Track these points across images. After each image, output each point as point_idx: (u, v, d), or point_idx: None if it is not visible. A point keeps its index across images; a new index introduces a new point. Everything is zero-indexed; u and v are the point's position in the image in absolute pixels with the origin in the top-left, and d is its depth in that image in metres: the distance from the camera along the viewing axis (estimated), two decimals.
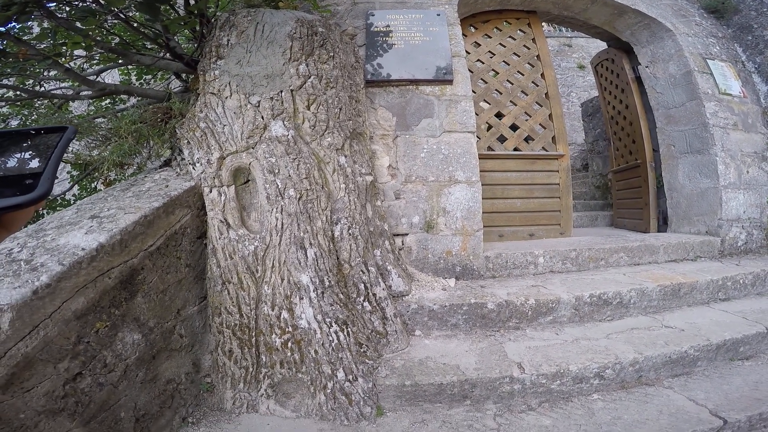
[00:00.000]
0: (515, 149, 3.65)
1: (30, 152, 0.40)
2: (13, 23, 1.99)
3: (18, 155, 0.40)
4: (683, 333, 2.20)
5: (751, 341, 2.19)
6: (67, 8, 2.16)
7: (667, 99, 3.93)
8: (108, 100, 3.71)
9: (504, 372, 1.86)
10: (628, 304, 2.47)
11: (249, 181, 2.17)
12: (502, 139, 3.66)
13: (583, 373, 1.89)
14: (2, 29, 1.91)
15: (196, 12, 2.37)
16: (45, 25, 2.35)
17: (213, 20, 2.50)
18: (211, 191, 2.07)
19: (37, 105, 3.28)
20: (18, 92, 2.71)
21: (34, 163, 0.39)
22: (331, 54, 2.43)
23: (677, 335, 2.17)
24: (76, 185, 3.46)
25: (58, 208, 3.29)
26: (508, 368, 1.89)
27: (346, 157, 2.30)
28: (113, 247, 1.54)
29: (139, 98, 2.96)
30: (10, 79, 2.57)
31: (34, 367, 1.27)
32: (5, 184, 0.36)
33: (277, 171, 2.07)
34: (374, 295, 2.16)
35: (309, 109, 2.24)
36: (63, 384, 1.34)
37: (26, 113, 3.28)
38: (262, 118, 2.14)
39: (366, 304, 2.11)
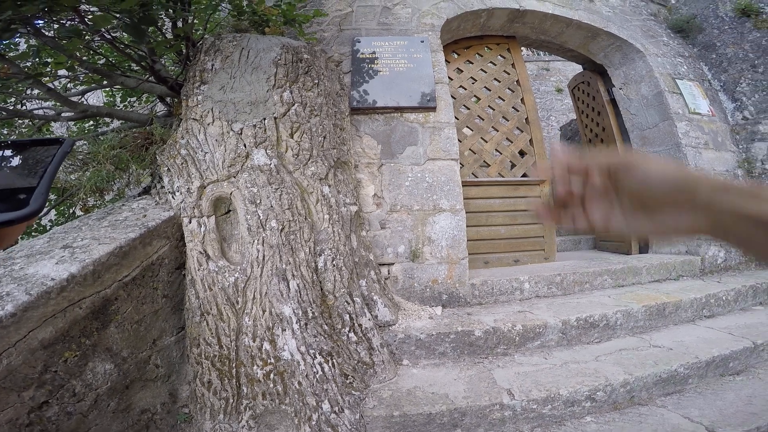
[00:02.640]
0: (498, 175, 3.68)
1: (23, 165, 0.38)
2: None
3: (10, 168, 0.38)
4: (672, 352, 2.20)
5: (740, 356, 2.20)
6: (55, 26, 2.13)
7: (641, 120, 4.04)
8: (90, 122, 3.64)
9: (494, 399, 1.82)
10: (614, 325, 2.47)
11: (230, 211, 2.12)
12: (485, 165, 3.69)
13: (575, 397, 1.87)
14: None
15: (182, 35, 2.36)
16: (32, 42, 2.31)
17: (199, 44, 2.50)
18: (190, 222, 2.02)
19: (17, 124, 3.21)
20: None
21: (27, 177, 0.37)
22: (316, 81, 2.44)
23: (666, 354, 2.18)
24: (53, 210, 3.35)
25: (33, 234, 3.17)
26: (497, 395, 1.85)
27: (330, 186, 2.27)
28: (85, 278, 1.49)
29: (122, 121, 2.91)
30: None
31: None
32: None
33: (258, 201, 2.03)
34: (360, 325, 2.11)
35: (292, 138, 2.23)
36: (28, 412, 1.32)
37: (6, 132, 3.20)
38: (245, 146, 2.11)
39: (351, 334, 2.06)
